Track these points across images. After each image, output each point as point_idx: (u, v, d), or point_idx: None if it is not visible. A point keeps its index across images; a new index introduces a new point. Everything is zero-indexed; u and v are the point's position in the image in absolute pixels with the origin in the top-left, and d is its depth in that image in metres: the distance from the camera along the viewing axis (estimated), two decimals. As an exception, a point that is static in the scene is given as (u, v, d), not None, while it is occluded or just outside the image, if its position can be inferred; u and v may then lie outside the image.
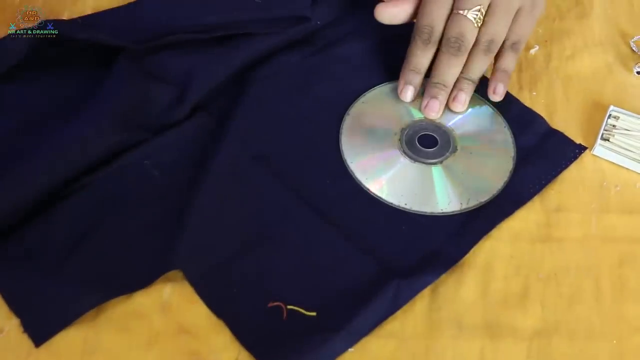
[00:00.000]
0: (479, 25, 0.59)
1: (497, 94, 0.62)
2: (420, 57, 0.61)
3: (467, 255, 0.55)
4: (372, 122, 0.62)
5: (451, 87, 0.62)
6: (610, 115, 0.62)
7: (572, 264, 0.55)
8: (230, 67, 0.63)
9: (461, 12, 0.58)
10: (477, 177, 0.59)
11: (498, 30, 0.59)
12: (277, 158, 0.59)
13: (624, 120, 0.62)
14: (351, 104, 0.63)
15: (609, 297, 0.54)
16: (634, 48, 0.68)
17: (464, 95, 0.61)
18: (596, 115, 0.63)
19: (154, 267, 0.53)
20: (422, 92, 0.63)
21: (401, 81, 0.62)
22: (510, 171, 0.59)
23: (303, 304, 0.52)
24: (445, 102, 0.62)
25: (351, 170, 0.59)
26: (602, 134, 0.61)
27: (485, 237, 0.56)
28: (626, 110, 0.63)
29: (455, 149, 0.60)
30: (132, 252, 0.54)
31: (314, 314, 0.51)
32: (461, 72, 0.61)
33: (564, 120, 0.63)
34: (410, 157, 0.60)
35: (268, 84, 0.64)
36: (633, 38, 0.68)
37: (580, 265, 0.55)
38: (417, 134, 0.61)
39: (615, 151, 0.60)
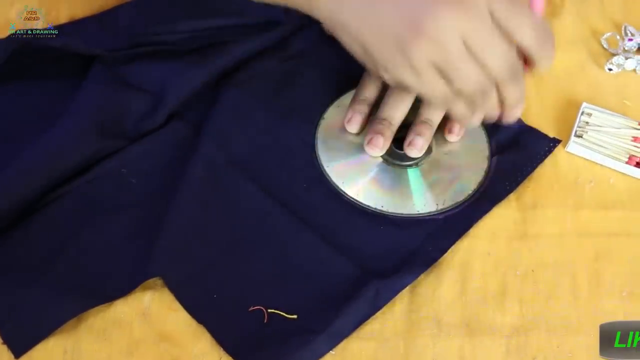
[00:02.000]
0: None
1: (453, 133, 0.60)
2: (369, 88, 0.60)
3: (445, 255, 0.56)
4: None
5: (398, 125, 0.59)
6: (583, 112, 0.63)
7: (549, 260, 0.56)
8: (205, 75, 0.62)
9: None
10: (452, 178, 0.59)
11: None
12: (253, 163, 0.60)
13: (597, 116, 0.62)
14: (326, 108, 0.63)
15: (585, 292, 0.55)
16: (605, 45, 0.68)
17: (421, 141, 0.58)
18: (569, 112, 0.64)
19: (133, 275, 0.53)
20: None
21: (349, 110, 0.60)
22: (486, 170, 0.60)
23: (284, 307, 0.52)
24: (390, 139, 0.59)
25: (327, 175, 0.59)
26: (576, 131, 0.62)
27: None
28: (599, 106, 0.63)
29: (430, 150, 0.60)
30: (111, 261, 0.54)
31: (295, 316, 0.52)
32: (419, 115, 0.58)
33: (537, 117, 0.63)
34: (386, 160, 0.60)
35: (243, 89, 0.64)
36: (604, 35, 0.69)
37: (557, 261, 0.56)
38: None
39: (589, 147, 0.61)
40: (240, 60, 0.65)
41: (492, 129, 0.62)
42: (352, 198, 0.58)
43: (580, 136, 0.61)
